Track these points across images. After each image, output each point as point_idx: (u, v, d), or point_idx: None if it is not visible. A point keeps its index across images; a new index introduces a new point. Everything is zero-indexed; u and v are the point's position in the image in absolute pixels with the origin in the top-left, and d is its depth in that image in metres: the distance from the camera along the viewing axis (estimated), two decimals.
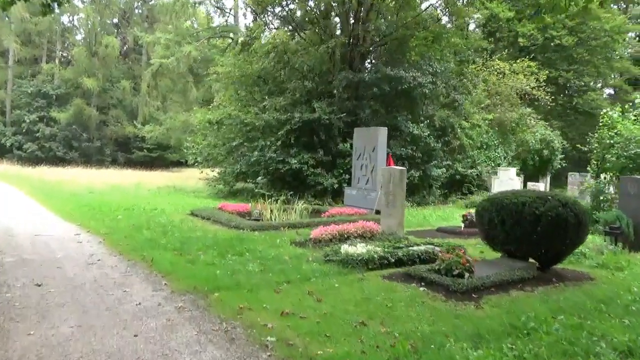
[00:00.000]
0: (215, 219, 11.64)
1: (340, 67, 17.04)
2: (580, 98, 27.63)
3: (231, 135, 18.01)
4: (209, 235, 9.75)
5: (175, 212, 13.66)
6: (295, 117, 15.94)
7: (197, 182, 26.61)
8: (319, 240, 8.90)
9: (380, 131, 13.69)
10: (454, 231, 11.00)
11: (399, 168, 10.03)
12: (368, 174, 13.89)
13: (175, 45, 29.55)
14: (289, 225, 10.91)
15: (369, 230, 9.36)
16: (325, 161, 16.65)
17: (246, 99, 19.07)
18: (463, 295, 5.91)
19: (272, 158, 16.17)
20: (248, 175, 17.39)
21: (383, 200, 10.13)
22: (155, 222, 11.30)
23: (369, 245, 7.96)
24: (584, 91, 27.88)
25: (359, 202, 14.00)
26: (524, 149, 22.13)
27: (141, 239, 9.22)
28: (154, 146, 44.23)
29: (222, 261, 7.48)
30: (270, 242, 9.07)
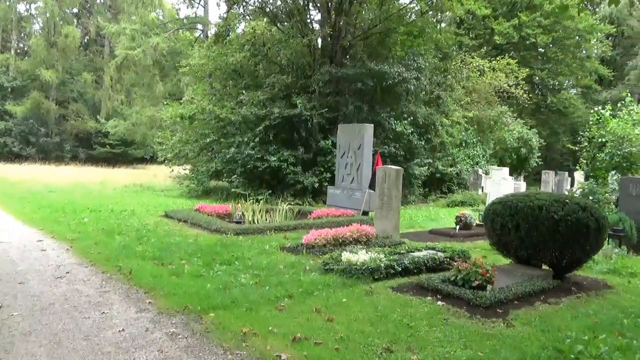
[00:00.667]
0: (194, 221, 10.78)
1: (321, 62, 16.34)
2: (554, 97, 27.85)
3: (205, 131, 17.05)
4: (190, 240, 8.90)
5: (148, 213, 12.69)
6: (274, 113, 15.15)
7: (166, 179, 25.46)
8: (312, 246, 8.20)
9: (366, 128, 13.07)
10: (448, 233, 10.50)
11: (395, 167, 9.43)
12: (353, 172, 13.25)
13: (141, 36, 28.19)
14: (274, 228, 10.16)
15: (364, 234, 8.72)
16: (305, 159, 15.94)
17: (220, 93, 18.12)
18: (487, 310, 5.34)
19: (249, 155, 15.34)
20: (223, 173, 16.48)
21: (377, 201, 9.51)
22: (127, 226, 10.35)
23: (370, 251, 7.31)
24: (557, 90, 28.13)
25: (343, 202, 13.36)
26: (501, 147, 21.99)
27: (114, 245, 8.29)
28: (118, 142, 42.44)
29: (210, 272, 6.69)
30: (258, 248, 8.32)
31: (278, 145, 15.68)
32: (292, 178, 15.62)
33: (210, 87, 18.32)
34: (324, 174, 15.80)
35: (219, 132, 16.76)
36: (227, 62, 17.45)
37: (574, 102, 28.57)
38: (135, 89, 40.49)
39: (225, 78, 18.30)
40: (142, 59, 28.48)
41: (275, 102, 15.85)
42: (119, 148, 44.10)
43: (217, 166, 16.36)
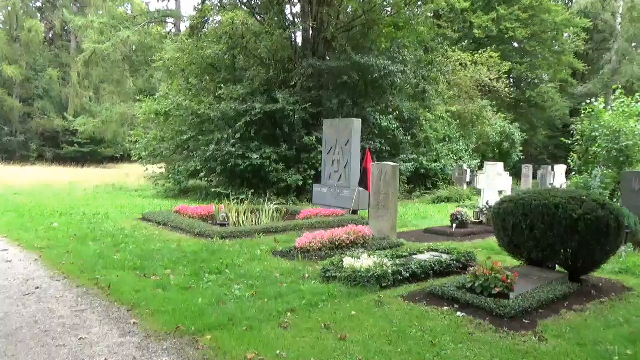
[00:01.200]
0: (175, 224, 10.04)
1: (302, 54, 15.69)
2: (533, 91, 27.85)
3: (181, 127, 16.22)
4: (172, 246, 8.19)
5: (123, 216, 11.87)
6: (256, 108, 14.45)
7: (140, 179, 24.42)
8: (306, 250, 7.60)
9: (354, 123, 12.52)
10: (444, 232, 10.04)
11: (391, 164, 8.90)
12: (341, 169, 12.69)
13: (110, 30, 26.96)
14: (262, 230, 9.52)
15: (361, 235, 8.17)
16: (289, 156, 15.30)
17: (196, 88, 17.29)
18: (513, 321, 4.85)
19: (230, 153, 14.61)
20: (202, 172, 15.71)
21: (372, 201, 8.97)
22: (101, 231, 9.56)
23: (372, 255, 6.75)
24: (536, 84, 28.15)
25: (330, 200, 12.79)
26: (483, 142, 21.78)
27: (88, 254, 7.53)
28: (86, 140, 40.81)
29: (200, 283, 6.03)
30: (248, 254, 7.67)
31: (260, 142, 15.00)
32: (275, 176, 14.97)
33: (186, 82, 17.46)
34: (308, 172, 15.20)
35: (196, 129, 15.96)
36: (203, 56, 16.64)
37: (552, 95, 28.69)
38: (104, 86, 39.03)
39: (201, 72, 17.48)
40: (111, 53, 27.28)
41: (256, 97, 15.16)
42: (87, 147, 42.44)
43: (195, 165, 15.58)
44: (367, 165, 11.62)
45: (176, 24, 32.27)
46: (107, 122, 30.02)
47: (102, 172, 31.58)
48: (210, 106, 15.21)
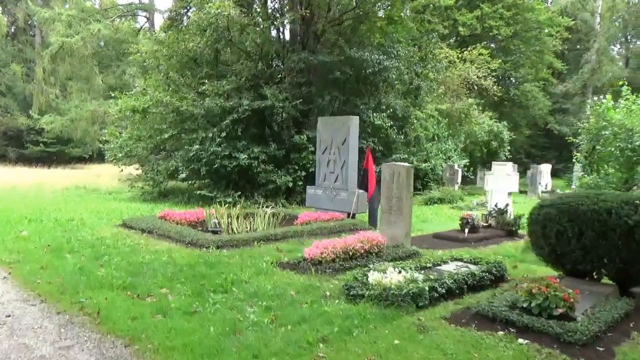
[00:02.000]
0: (161, 232, 9.06)
1: (292, 49, 14.81)
2: (517, 89, 27.66)
3: (161, 125, 15.12)
4: (163, 258, 7.24)
5: (101, 222, 10.79)
6: (243, 105, 13.52)
7: (112, 180, 23.08)
8: (318, 262, 6.78)
9: (351, 120, 11.74)
10: (455, 238, 9.36)
11: (404, 165, 8.15)
12: (337, 170, 11.89)
13: (79, 23, 25.46)
14: (260, 238, 8.63)
15: (375, 244, 7.39)
16: (278, 156, 14.42)
17: (177, 83, 16.20)
18: (585, 349, 4.15)
19: (215, 153, 13.64)
20: (184, 173, 14.67)
21: (384, 204, 8.21)
22: (79, 240, 8.51)
23: (398, 268, 5.98)
24: (520, 82, 27.98)
25: (326, 203, 11.98)
26: (471, 141, 21.35)
27: (67, 269, 6.53)
28: (53, 140, 38.85)
29: (205, 305, 5.14)
30: (252, 267, 6.80)
31: (247, 141, 14.07)
32: (263, 177, 14.07)
33: (165, 76, 16.35)
34: (298, 172, 14.35)
35: (177, 127, 14.90)
36: (184, 49, 15.58)
37: (536, 94, 28.60)
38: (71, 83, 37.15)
39: (181, 67, 16.40)
40: (80, 47, 25.77)
41: (243, 93, 14.23)
42: (54, 146, 40.42)
43: (176, 164, 14.52)
44: (368, 166, 10.89)
45: (149, 18, 30.90)
46: (76, 120, 28.41)
47: (70, 173, 29.85)
48: (194, 103, 14.19)
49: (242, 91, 14.39)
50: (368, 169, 10.83)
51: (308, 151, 14.24)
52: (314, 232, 9.41)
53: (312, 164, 14.42)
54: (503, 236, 9.88)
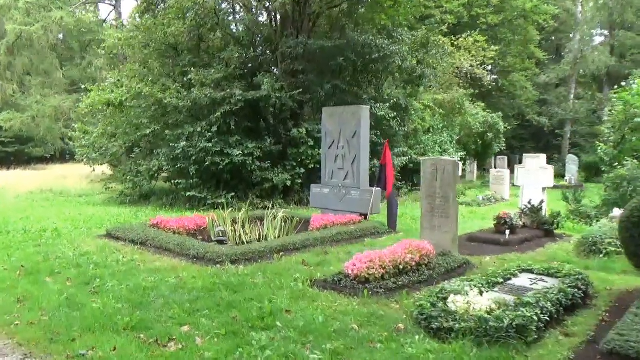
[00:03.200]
0: (157, 244, 7.67)
1: (287, 33, 13.44)
2: (505, 79, 27.05)
3: (141, 120, 13.55)
4: (171, 280, 5.89)
5: (80, 233, 9.28)
6: (236, 95, 12.12)
7: (80, 182, 21.24)
8: (364, 279, 5.58)
9: (362, 111, 10.54)
10: (495, 240, 8.31)
11: (449, 159, 7.03)
12: (347, 166, 10.67)
13: (40, 10, 23.34)
14: (278, 249, 7.35)
15: (425, 254, 6.23)
16: (274, 152, 13.11)
17: (154, 74, 14.64)
18: None
19: (206, 149, 12.22)
20: (169, 172, 13.21)
21: (425, 206, 7.06)
22: (58, 258, 7.05)
23: (476, 287, 4.84)
24: (508, 72, 27.38)
25: (334, 203, 10.76)
26: (466, 133, 20.49)
27: (51, 301, 5.13)
28: (11, 139, 36.21)
29: (250, 351, 3.86)
30: (285, 288, 5.55)
31: (240, 135, 12.70)
32: (258, 175, 12.75)
33: (142, 66, 14.73)
34: (296, 170, 13.08)
35: (160, 122, 13.38)
36: (163, 34, 14.02)
37: (524, 84, 28.08)
38: (30, 77, 34.52)
39: (160, 55, 14.84)
40: (41, 37, 23.65)
41: (233, 83, 12.83)
42: (12, 146, 37.77)
43: (160, 165, 13.02)
44: (386, 160, 9.75)
45: (115, 6, 28.82)
46: (38, 117, 26.21)
47: (32, 175, 27.56)
48: (178, 94, 12.70)
49: (232, 80, 12.99)
50: (386, 164, 9.69)
51: (307, 146, 13.00)
52: (335, 239, 8.21)
53: (311, 160, 13.20)
54: (541, 237, 8.90)
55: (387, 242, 8.29)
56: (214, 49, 14.69)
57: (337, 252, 7.44)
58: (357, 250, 7.54)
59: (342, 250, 7.62)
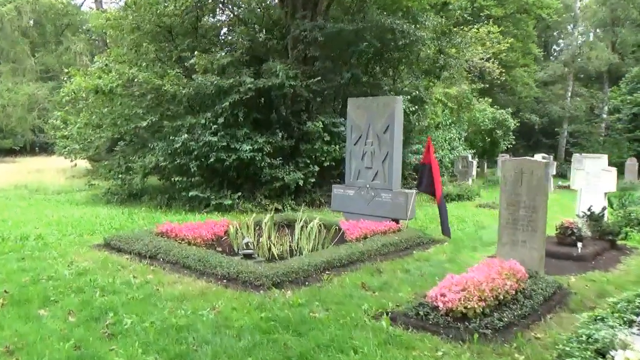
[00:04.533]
0: (171, 259, 6.30)
1: (299, 15, 12.05)
2: (508, 74, 26.19)
3: (135, 110, 11.98)
4: (206, 314, 4.56)
5: (70, 241, 7.79)
6: (246, 83, 10.72)
7: (57, 177, 19.48)
8: (461, 315, 4.36)
9: (396, 102, 9.31)
10: (567, 255, 7.16)
11: (537, 160, 5.85)
12: (377, 165, 9.42)
13: None
14: (323, 266, 6.07)
15: (520, 278, 5.04)
16: (285, 147, 11.77)
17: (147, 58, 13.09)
18: None
19: (210, 144, 10.81)
20: (167, 169, 11.75)
21: (505, 216, 5.87)
22: (51, 278, 5.63)
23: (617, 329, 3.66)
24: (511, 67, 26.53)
25: (360, 207, 9.51)
26: (473, 129, 19.48)
27: (53, 350, 3.73)
28: None
29: None
30: (359, 327, 4.32)
31: (249, 128, 11.31)
32: (268, 173, 11.40)
33: (134, 50, 13.13)
34: (310, 167, 11.77)
35: (157, 112, 11.87)
36: (158, 15, 12.49)
37: (527, 80, 27.28)
38: None
39: (153, 39, 13.28)
40: (13, 18, 21.64)
41: (241, 69, 11.43)
42: None
43: (156, 159, 11.54)
44: (431, 159, 8.54)
45: None
46: (9, 106, 24.13)
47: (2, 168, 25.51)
48: (178, 81, 11.23)
49: (239, 67, 11.59)
50: (432, 164, 8.48)
51: (322, 141, 11.71)
52: (381, 252, 6.98)
53: (326, 157, 11.94)
54: (608, 249, 7.83)
55: (438, 256, 7.13)
56: (213, 32, 13.22)
57: (392, 270, 6.22)
58: (413, 267, 6.36)
59: (396, 266, 6.40)
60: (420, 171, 8.78)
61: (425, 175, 8.52)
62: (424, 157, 8.74)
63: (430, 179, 8.39)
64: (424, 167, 8.66)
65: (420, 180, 8.74)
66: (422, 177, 8.65)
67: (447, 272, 6.14)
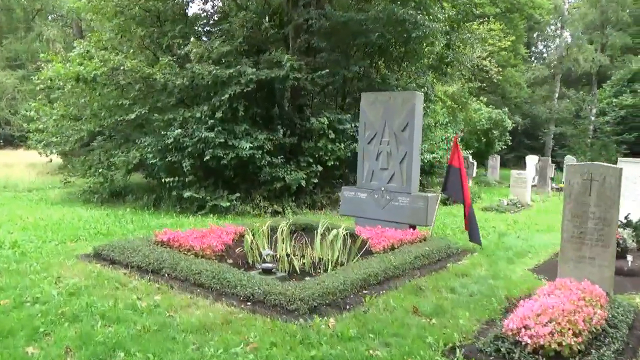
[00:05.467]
0: (181, 275, 5.38)
1: (301, 3, 11.14)
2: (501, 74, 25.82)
3: (121, 100, 10.86)
4: (240, 352, 3.66)
5: (51, 249, 6.79)
6: (247, 74, 9.77)
7: (27, 173, 18.07)
8: (555, 354, 3.60)
9: (416, 98, 8.53)
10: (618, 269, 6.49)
11: (612, 165, 5.13)
12: (393, 166, 8.64)
13: None
14: (358, 284, 5.25)
15: (603, 304, 4.32)
16: (287, 145, 10.87)
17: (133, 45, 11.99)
18: None
19: (206, 140, 9.83)
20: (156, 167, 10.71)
21: (569, 228, 5.15)
22: (37, 300, 4.69)
23: None
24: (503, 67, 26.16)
25: (374, 211, 8.73)
26: (468, 129, 18.93)
27: None
28: None
29: None
30: None
31: (249, 124, 10.37)
32: (268, 173, 10.49)
33: (119, 34, 11.98)
34: (312, 167, 10.91)
35: (146, 104, 10.79)
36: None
37: (518, 80, 26.96)
38: None
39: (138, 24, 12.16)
40: None
41: (241, 59, 10.49)
42: None
43: (143, 155, 10.49)
44: (459, 161, 7.81)
45: None
46: None
47: None
48: (171, 70, 10.21)
49: (237, 56, 10.64)
50: (460, 167, 7.74)
51: (327, 139, 10.86)
52: (414, 265, 6.19)
53: (330, 157, 11.11)
54: None
55: (476, 269, 6.40)
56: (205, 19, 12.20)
57: (435, 289, 5.44)
58: (457, 285, 5.60)
59: (437, 284, 5.63)
60: (447, 173, 8.03)
61: (454, 178, 7.77)
62: (451, 158, 7.99)
63: (459, 184, 7.65)
64: (450, 168, 7.92)
65: (445, 183, 7.99)
66: (448, 180, 7.92)
67: (496, 290, 5.44)
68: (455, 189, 7.79)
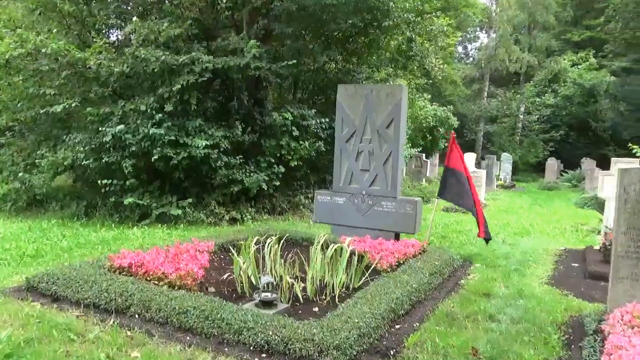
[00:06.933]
0: (157, 317, 4.10)
1: None
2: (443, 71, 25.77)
3: (43, 90, 9.01)
4: None
5: None
6: (202, 62, 8.40)
7: None
8: None
9: (402, 92, 7.68)
10: None
11: None
12: (376, 167, 7.73)
13: None
14: (389, 316, 4.27)
15: None
16: (247, 143, 9.61)
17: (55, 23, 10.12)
18: None
19: (153, 137, 8.35)
20: (86, 168, 9.03)
21: (621, 242, 4.51)
22: None
23: None
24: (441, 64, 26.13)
25: (353, 218, 7.81)
26: (415, 126, 18.55)
27: None
28: None
29: None
30: None
31: (203, 119, 8.99)
32: (224, 175, 9.18)
33: (37, 11, 10.01)
34: (274, 168, 9.75)
35: (77, 94, 9.04)
36: None
37: (454, 78, 27.13)
38: None
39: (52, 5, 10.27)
40: None
41: (192, 44, 9.09)
42: None
43: (76, 156, 8.79)
44: (463, 164, 7.07)
45: None
46: None
47: None
48: (108, 55, 8.60)
49: (188, 41, 9.24)
50: (458, 168, 7.00)
51: (290, 137, 9.75)
52: (432, 285, 5.34)
53: (293, 156, 10.01)
54: None
55: (494, 287, 5.69)
56: None
57: (469, 317, 4.61)
58: (491, 310, 4.81)
59: (468, 309, 4.81)
60: (445, 176, 7.27)
61: (457, 182, 7.01)
62: (447, 159, 7.23)
63: (461, 187, 6.92)
64: (448, 170, 7.17)
65: (443, 187, 7.23)
66: (446, 183, 7.16)
67: (537, 314, 4.71)
68: (453, 193, 7.06)
